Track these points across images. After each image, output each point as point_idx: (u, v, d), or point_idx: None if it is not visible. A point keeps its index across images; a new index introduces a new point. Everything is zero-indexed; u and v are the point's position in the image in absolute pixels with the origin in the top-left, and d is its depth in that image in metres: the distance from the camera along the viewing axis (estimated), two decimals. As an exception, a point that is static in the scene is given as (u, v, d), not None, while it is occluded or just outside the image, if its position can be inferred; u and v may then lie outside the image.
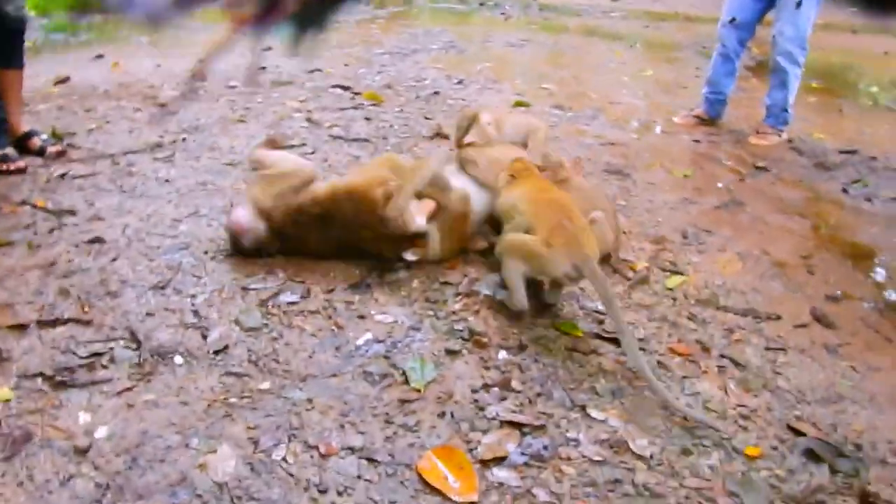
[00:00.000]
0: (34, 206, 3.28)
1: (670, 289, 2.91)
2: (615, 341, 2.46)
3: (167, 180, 3.66)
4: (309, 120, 4.82)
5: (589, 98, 5.98)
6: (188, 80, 3.59)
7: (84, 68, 6.17)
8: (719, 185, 4.18)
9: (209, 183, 3.64)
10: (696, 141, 5.02)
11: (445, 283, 2.77)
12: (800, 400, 2.25)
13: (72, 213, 3.24)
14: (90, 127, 4.46)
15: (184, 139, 4.31)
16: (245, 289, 2.68)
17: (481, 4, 12.23)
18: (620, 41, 9.09)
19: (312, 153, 4.16)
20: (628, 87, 6.52)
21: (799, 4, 4.71)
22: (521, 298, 2.54)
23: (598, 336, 2.50)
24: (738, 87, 5.76)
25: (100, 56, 6.67)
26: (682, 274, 3.03)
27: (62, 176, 3.66)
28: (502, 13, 11.27)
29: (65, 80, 5.65)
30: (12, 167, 3.66)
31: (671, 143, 4.94)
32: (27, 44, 7.07)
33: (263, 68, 6.41)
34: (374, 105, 5.30)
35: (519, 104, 5.42)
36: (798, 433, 2.09)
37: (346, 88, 5.74)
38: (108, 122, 4.58)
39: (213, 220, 3.23)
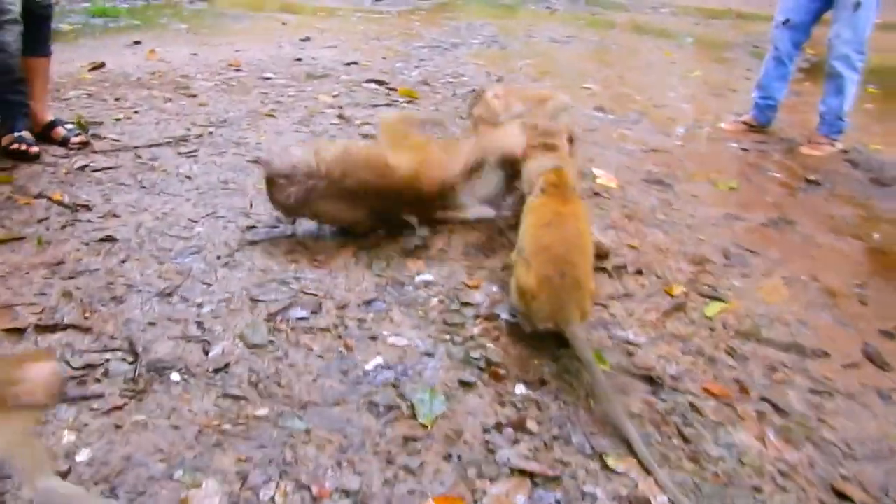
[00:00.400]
0: (50, 199, 3.19)
1: (709, 317, 2.70)
2: (647, 379, 2.28)
3: (188, 177, 3.55)
4: (340, 117, 4.67)
5: (633, 100, 5.75)
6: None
7: (120, 54, 6.12)
8: (767, 199, 3.94)
9: (231, 181, 3.52)
10: (744, 149, 4.77)
11: (466, 303, 2.60)
12: (847, 455, 2.04)
13: (87, 207, 3.15)
14: (117, 117, 4.38)
15: (210, 133, 4.20)
16: (254, 300, 2.54)
17: (527, -3, 12.01)
18: (669, 39, 8.82)
19: (340, 152, 4.01)
20: (675, 89, 6.27)
21: (857, 6, 4.44)
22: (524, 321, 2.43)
23: (628, 372, 2.31)
24: (791, 91, 5.49)
25: (137, 42, 6.62)
26: (722, 300, 2.82)
27: (83, 168, 3.57)
28: (548, 7, 11.03)
29: (99, 67, 5.60)
30: (24, 148, 3.60)
31: (717, 152, 4.70)
32: (67, 27, 7.11)
33: (299, 59, 6.30)
34: (408, 102, 5.14)
35: (559, 105, 5.21)
36: (843, 497, 1.88)
37: (381, 83, 5.59)
38: (136, 113, 4.49)
39: (230, 221, 3.10)
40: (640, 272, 2.97)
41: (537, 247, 2.39)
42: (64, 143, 3.83)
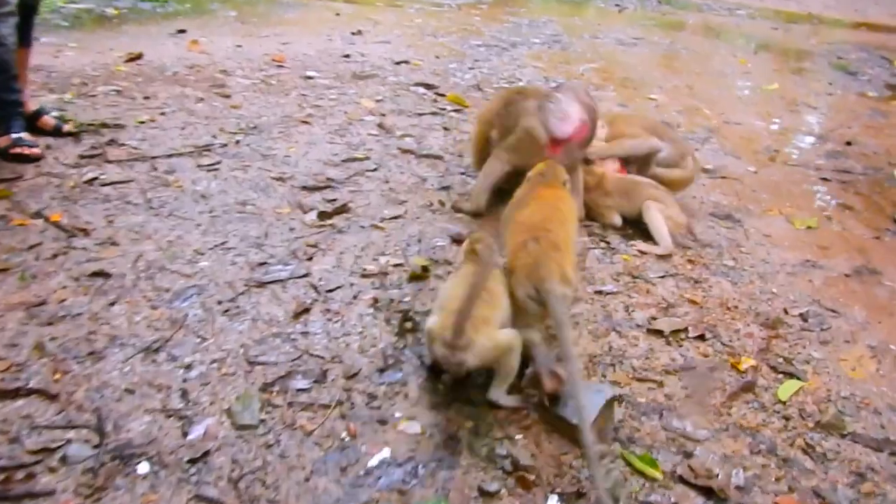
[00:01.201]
0: (47, 220, 2.89)
1: (782, 401, 2.29)
2: (707, 492, 1.88)
3: (203, 196, 3.22)
4: (380, 126, 4.32)
5: (702, 114, 5.27)
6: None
7: (161, 44, 5.84)
8: (850, 242, 3.48)
9: (249, 203, 3.19)
10: (825, 179, 4.29)
11: (497, 376, 2.23)
12: None
13: (85, 232, 2.84)
14: (142, 119, 4.07)
15: (237, 142, 3.87)
16: (251, 362, 2.20)
17: (595, -7, 11.47)
18: (745, 44, 8.25)
19: (374, 170, 3.66)
20: (749, 103, 5.77)
21: None
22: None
23: (683, 480, 1.91)
24: (878, 111, 4.96)
25: (182, 31, 6.33)
26: (798, 378, 2.40)
27: (91, 181, 3.26)
28: (617, 5, 10.50)
29: (136, 58, 5.32)
30: (27, 152, 3.37)
31: (794, 181, 4.23)
32: (113, 12, 6.89)
33: (347, 56, 5.96)
34: (456, 111, 4.75)
35: (619, 118, 4.76)
36: None
37: (429, 87, 5.22)
38: (162, 115, 4.19)
39: (240, 255, 2.77)
40: (702, 337, 2.57)
41: (513, 227, 2.33)
42: (56, 132, 3.65)
